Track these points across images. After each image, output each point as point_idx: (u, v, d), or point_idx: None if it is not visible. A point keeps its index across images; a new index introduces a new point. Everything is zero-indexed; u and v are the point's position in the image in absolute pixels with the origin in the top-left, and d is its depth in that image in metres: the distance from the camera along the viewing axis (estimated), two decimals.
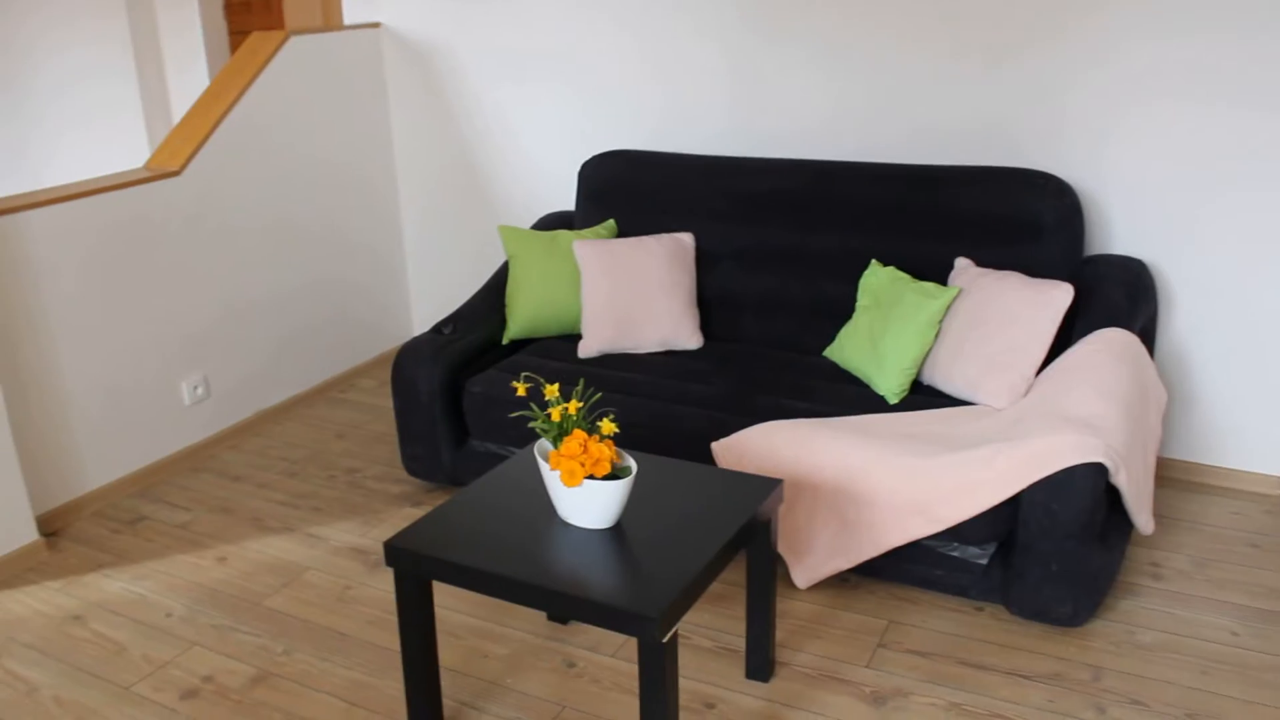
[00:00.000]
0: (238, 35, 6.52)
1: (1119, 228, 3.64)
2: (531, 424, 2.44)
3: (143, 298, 3.98)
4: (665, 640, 2.15)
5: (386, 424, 4.46)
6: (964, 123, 3.76)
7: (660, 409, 3.35)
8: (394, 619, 3.14)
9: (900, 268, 3.62)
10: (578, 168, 4.55)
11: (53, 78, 6.56)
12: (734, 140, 4.18)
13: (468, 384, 3.63)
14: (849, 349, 3.51)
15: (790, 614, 3.08)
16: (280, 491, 3.95)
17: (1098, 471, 2.67)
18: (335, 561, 3.46)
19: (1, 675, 3.02)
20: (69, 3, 6.26)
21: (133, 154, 6.29)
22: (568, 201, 4.64)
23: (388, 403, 4.67)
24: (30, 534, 3.59)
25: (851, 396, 3.34)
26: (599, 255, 3.80)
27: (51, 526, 3.77)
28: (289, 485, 3.99)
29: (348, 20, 5.00)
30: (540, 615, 3.12)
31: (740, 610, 3.11)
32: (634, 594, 2.17)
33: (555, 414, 2.39)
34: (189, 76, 6.21)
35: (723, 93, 4.15)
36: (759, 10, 3.98)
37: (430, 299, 5.22)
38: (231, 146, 4.26)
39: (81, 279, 3.77)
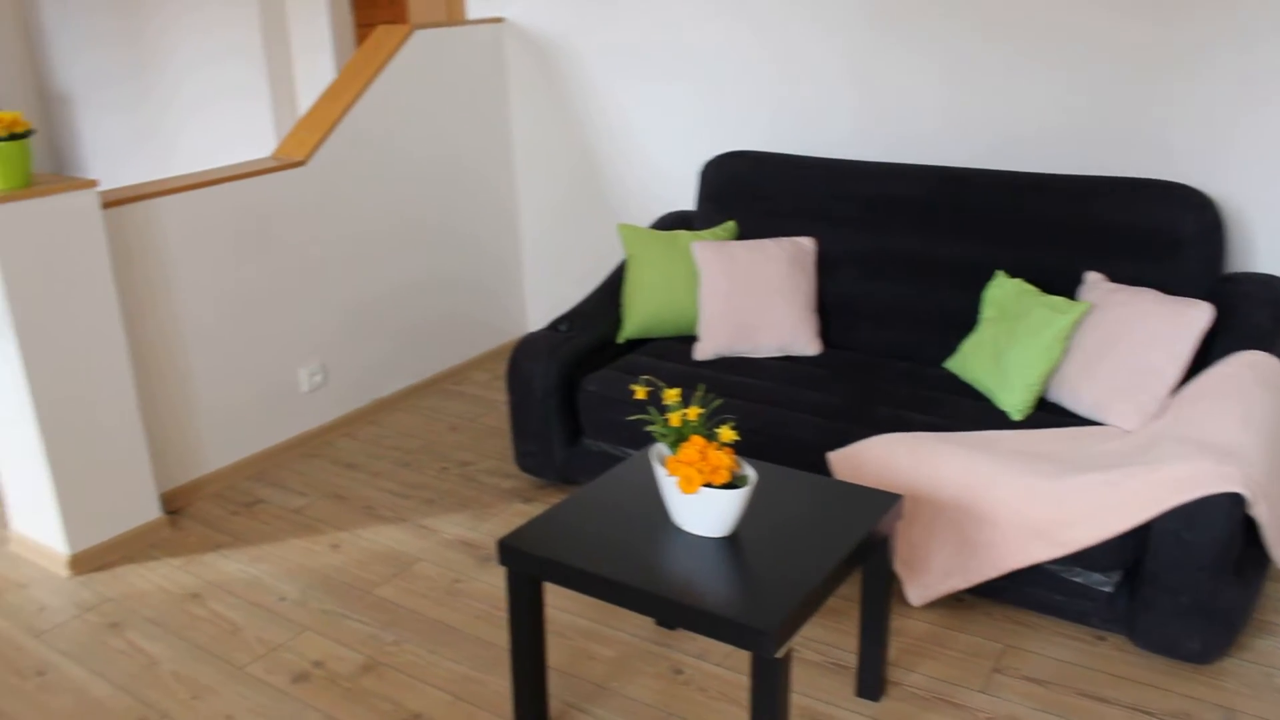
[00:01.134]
0: (364, 28, 6.62)
1: (1263, 244, 3.48)
2: (649, 428, 2.41)
3: (266, 285, 4.06)
4: (779, 655, 2.11)
5: (499, 418, 4.49)
6: (1098, 131, 3.63)
7: (775, 415, 3.30)
8: (502, 615, 3.15)
9: (1027, 280, 3.52)
10: (697, 167, 4.52)
11: (182, 65, 6.74)
12: (858, 143, 4.11)
13: (583, 382, 3.63)
14: (972, 362, 3.43)
15: (903, 632, 3.01)
16: (393, 481, 3.99)
17: (1235, 502, 2.56)
18: (445, 554, 3.48)
19: (125, 646, 3.10)
20: (205, 11, 6.42)
21: (258, 141, 6.42)
22: (687, 201, 4.61)
23: (501, 396, 4.70)
24: (154, 511, 3.69)
25: (973, 411, 3.26)
26: (718, 257, 3.77)
27: (173, 505, 3.86)
28: (402, 475, 4.04)
29: (471, 15, 5.03)
30: (648, 619, 3.10)
31: (851, 626, 3.05)
32: (749, 606, 2.14)
33: (674, 419, 2.36)
34: (315, 66, 6.32)
35: (848, 94, 4.08)
36: (886, 10, 3.90)
37: (545, 295, 5.24)
38: (355, 138, 4.32)
39: (208, 265, 3.86)
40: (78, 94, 7.77)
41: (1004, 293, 3.42)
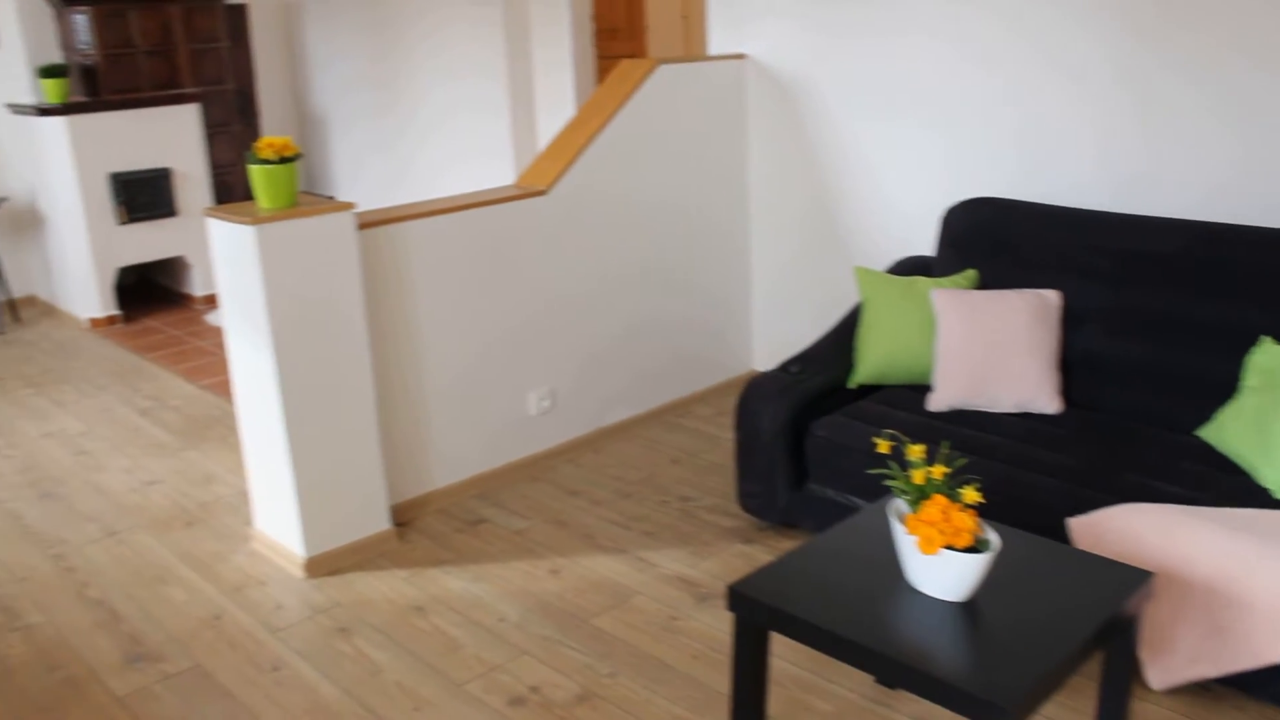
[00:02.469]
0: (604, 59, 6.77)
1: None
2: (890, 483, 2.34)
3: (502, 309, 4.17)
4: None
5: (721, 454, 4.47)
6: None
7: (1011, 474, 3.17)
8: (719, 656, 3.11)
9: None
10: (937, 212, 4.41)
11: (428, 80, 7.04)
12: (1111, 193, 3.92)
13: (812, 426, 3.57)
14: (1230, 432, 3.21)
15: (1142, 716, 2.83)
16: (613, 510, 4.02)
17: None
18: (663, 589, 3.48)
19: (352, 652, 3.21)
20: (451, 31, 6.69)
21: (496, 157, 6.63)
22: (925, 246, 4.49)
23: (723, 433, 4.68)
24: (384, 522, 3.82)
25: (1230, 486, 3.04)
26: (958, 306, 3.65)
27: (402, 518, 3.99)
28: (622, 505, 4.06)
29: (713, 50, 5.06)
30: (867, 676, 3.01)
31: (1085, 704, 2.88)
32: (987, 679, 2.04)
33: (918, 476, 2.28)
34: (555, 87, 6.49)
35: (1100, 141, 3.90)
36: (1146, 53, 3.71)
37: (772, 333, 5.20)
38: (596, 170, 4.40)
39: (449, 287, 3.99)
40: (330, 112, 8.21)
41: (1271, 360, 3.19)
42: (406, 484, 4.02)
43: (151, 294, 7.69)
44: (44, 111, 6.61)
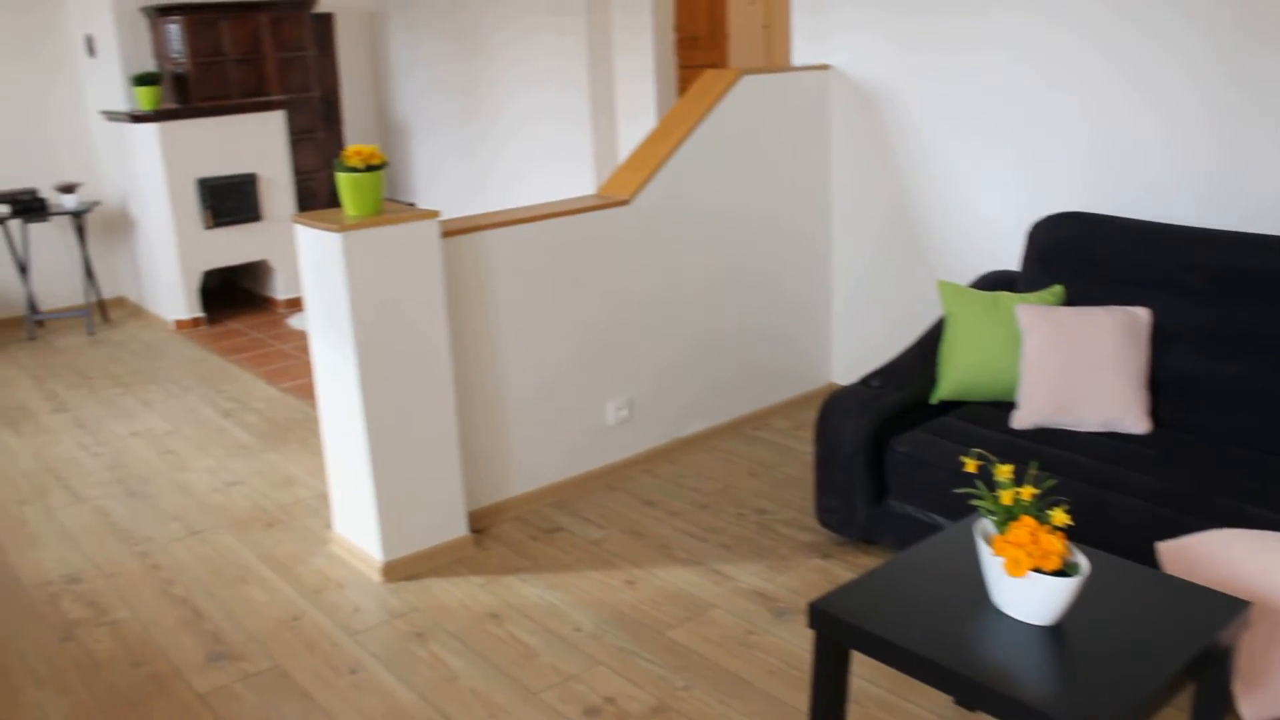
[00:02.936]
0: (685, 69, 6.77)
1: None
2: (977, 502, 2.30)
3: (582, 318, 4.17)
4: None
5: (798, 468, 4.43)
6: None
7: (1098, 496, 3.10)
8: (795, 672, 3.08)
9: None
10: (1020, 225, 4.34)
11: (509, 87, 7.09)
12: (1205, 208, 3.82)
13: (892, 442, 3.53)
14: None
15: None
16: (690, 522, 4.00)
17: None
18: (739, 603, 3.45)
19: (428, 657, 3.23)
20: (533, 39, 6.73)
21: (575, 164, 6.65)
22: (1009, 261, 4.42)
23: (800, 446, 4.64)
24: (461, 529, 3.84)
25: None
26: (1044, 322, 3.58)
27: (478, 524, 4.01)
28: (699, 517, 4.04)
29: (797, 61, 5.03)
30: (944, 695, 2.96)
31: None
32: (1074, 706, 1.99)
33: (1006, 497, 2.24)
34: (636, 96, 6.49)
35: (1195, 155, 3.80)
36: (1245, 63, 3.62)
37: (851, 347, 5.16)
38: (678, 180, 4.39)
39: (531, 296, 4.00)
40: (412, 119, 8.30)
41: None
42: (484, 491, 4.04)
43: (235, 297, 7.83)
44: (137, 118, 6.76)
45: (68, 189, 6.96)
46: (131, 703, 3.08)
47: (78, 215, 6.99)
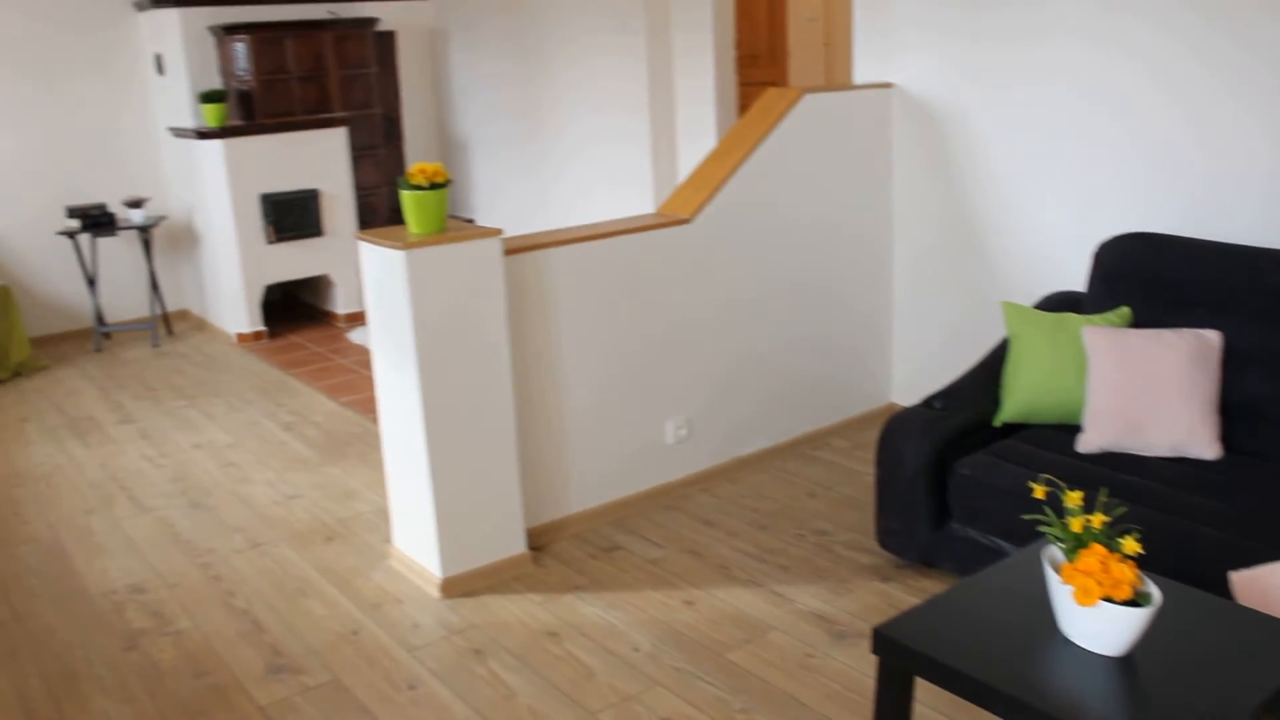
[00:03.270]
0: (745, 86, 6.76)
1: None
2: (1045, 529, 2.26)
3: (642, 336, 4.17)
4: None
5: (857, 489, 4.39)
6: None
7: (1166, 522, 3.04)
8: (856, 697, 3.04)
9: None
10: (1085, 246, 4.27)
11: (570, 109, 7.11)
12: (1275, 228, 3.75)
13: (956, 464, 3.48)
14: None
15: None
16: (748, 543, 3.98)
17: None
18: (799, 625, 3.42)
19: (487, 674, 3.23)
20: (595, 60, 6.76)
21: (635, 187, 6.65)
22: (1074, 282, 4.36)
23: (860, 466, 4.60)
24: (520, 546, 3.84)
25: None
26: (1112, 345, 3.53)
27: (537, 542, 4.01)
28: (758, 538, 4.01)
29: (859, 79, 5.01)
30: None
31: None
32: None
33: (1076, 524, 2.20)
34: (697, 119, 6.49)
35: (1268, 173, 3.73)
36: None
37: (912, 367, 5.11)
38: (739, 199, 4.38)
39: (590, 314, 4.00)
40: (472, 137, 8.36)
41: None
42: (542, 508, 4.04)
43: (295, 311, 7.92)
44: (203, 135, 6.87)
45: (135, 204, 7.09)
46: (193, 713, 3.11)
47: (144, 230, 7.12)
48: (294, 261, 7.30)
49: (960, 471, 3.46)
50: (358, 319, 7.54)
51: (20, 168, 7.24)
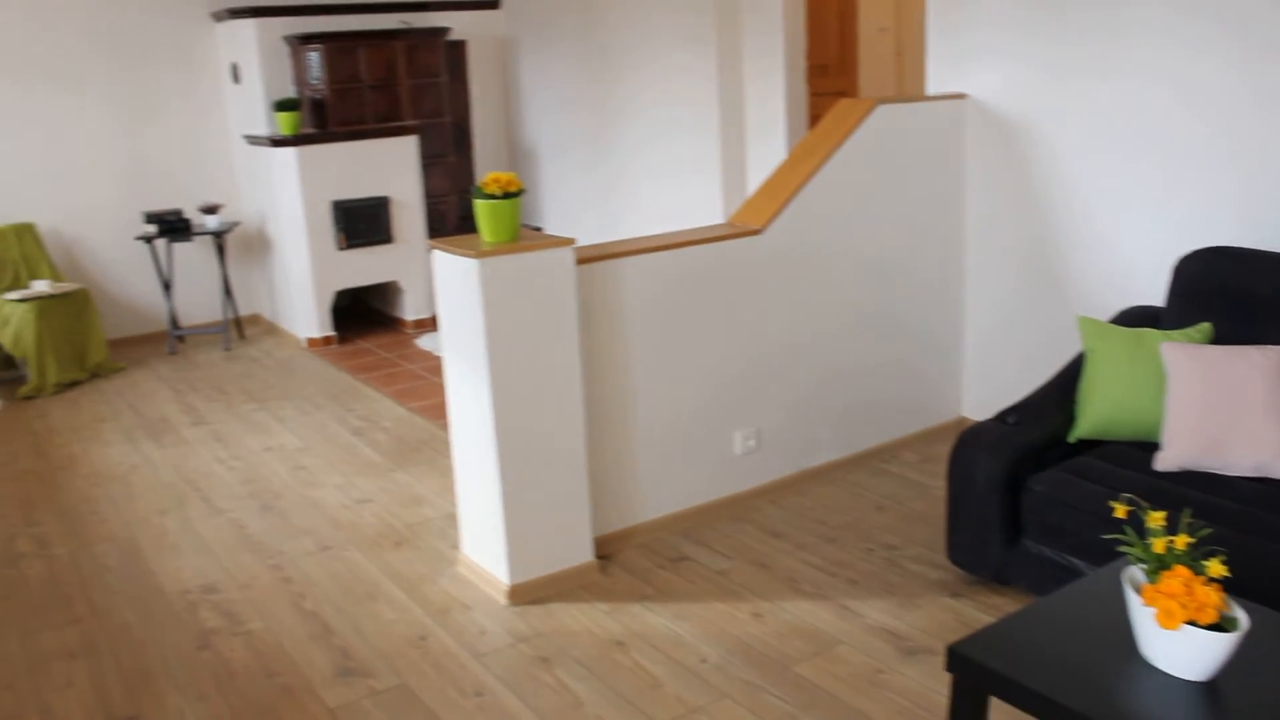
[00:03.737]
0: (815, 96, 6.72)
1: None
2: (1126, 549, 2.22)
3: (711, 346, 4.16)
4: None
5: (927, 503, 4.34)
6: None
7: (1249, 544, 2.97)
8: (925, 714, 3.00)
9: None
10: (1161, 260, 4.19)
11: (641, 133, 7.12)
12: None
13: (1029, 481, 3.43)
14: None
15: None
16: (817, 555, 3.95)
17: None
18: (867, 640, 3.39)
19: (554, 683, 3.23)
20: (664, 68, 6.76)
21: (705, 213, 6.64)
22: (1151, 297, 4.28)
23: (930, 480, 4.55)
24: (587, 554, 3.84)
25: None
26: (1192, 361, 3.46)
27: (604, 550, 4.01)
28: (826, 550, 3.98)
29: (931, 89, 4.97)
30: None
31: None
32: None
33: (1158, 545, 2.16)
34: (767, 143, 6.47)
35: None
36: None
37: (983, 381, 5.04)
38: (811, 209, 4.36)
39: (661, 323, 4.00)
40: (540, 144, 8.40)
41: None
42: (610, 517, 4.04)
43: (364, 316, 8.01)
44: (277, 142, 6.98)
45: (210, 210, 7.21)
46: (264, 712, 3.15)
47: (218, 235, 7.24)
48: (364, 267, 7.38)
49: (1034, 488, 3.41)
50: (426, 325, 7.61)
51: (102, 175, 7.41)
